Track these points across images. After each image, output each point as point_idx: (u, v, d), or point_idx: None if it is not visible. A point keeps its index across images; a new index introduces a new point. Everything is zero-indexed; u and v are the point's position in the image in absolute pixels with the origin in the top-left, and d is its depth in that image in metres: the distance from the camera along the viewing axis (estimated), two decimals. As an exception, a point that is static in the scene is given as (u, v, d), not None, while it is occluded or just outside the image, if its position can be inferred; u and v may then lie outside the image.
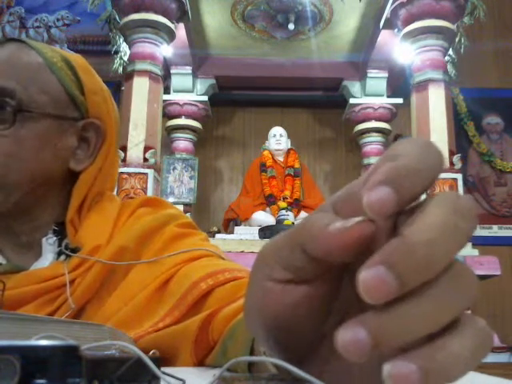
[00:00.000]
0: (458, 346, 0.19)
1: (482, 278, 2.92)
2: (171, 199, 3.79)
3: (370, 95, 4.31)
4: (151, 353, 0.26)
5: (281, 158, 4.04)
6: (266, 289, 0.23)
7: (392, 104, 4.34)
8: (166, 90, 3.99)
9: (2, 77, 0.59)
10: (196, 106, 4.32)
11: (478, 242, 3.15)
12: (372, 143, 4.39)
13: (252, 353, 0.37)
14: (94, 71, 0.69)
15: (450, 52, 3.59)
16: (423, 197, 0.20)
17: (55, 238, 0.62)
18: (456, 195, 0.20)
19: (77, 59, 0.67)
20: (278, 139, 4.04)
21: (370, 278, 0.18)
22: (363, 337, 0.18)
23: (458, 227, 0.19)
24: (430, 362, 0.18)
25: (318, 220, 0.21)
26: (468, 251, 2.99)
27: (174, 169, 3.99)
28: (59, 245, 0.62)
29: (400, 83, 4.22)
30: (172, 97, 4.25)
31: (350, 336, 0.18)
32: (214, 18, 3.81)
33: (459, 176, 3.18)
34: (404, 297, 0.19)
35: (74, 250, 0.61)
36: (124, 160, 3.14)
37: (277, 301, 0.23)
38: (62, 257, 0.61)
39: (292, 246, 0.22)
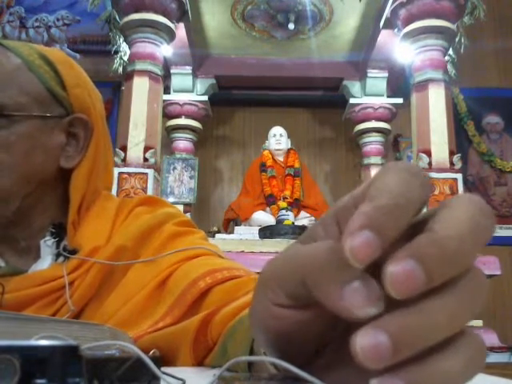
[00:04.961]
0: (449, 364, 0.18)
1: (482, 277, 2.92)
2: (171, 199, 3.79)
3: (370, 95, 4.31)
4: (151, 352, 0.26)
5: (281, 158, 4.04)
6: (269, 311, 0.23)
7: (392, 104, 4.33)
8: (166, 90, 3.99)
9: None
10: (196, 105, 4.31)
11: (478, 242, 3.13)
12: (372, 143, 4.39)
13: (252, 353, 0.37)
14: (74, 64, 0.67)
15: (450, 52, 3.59)
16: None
17: (53, 240, 0.62)
18: (477, 197, 0.20)
19: (55, 54, 0.65)
20: (277, 139, 4.04)
21: (399, 272, 0.18)
22: (383, 341, 0.17)
23: (482, 225, 0.19)
24: (418, 379, 0.18)
25: (317, 255, 0.21)
26: (468, 251, 2.98)
27: (174, 169, 3.98)
28: (57, 246, 0.62)
29: (400, 83, 4.22)
30: (172, 97, 4.24)
31: (369, 341, 0.18)
32: (214, 18, 3.80)
33: (459, 176, 3.18)
34: (425, 296, 0.18)
35: (73, 252, 0.60)
36: (124, 160, 3.14)
37: (280, 323, 0.23)
38: (61, 258, 0.61)
39: (294, 279, 0.22)
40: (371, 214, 0.18)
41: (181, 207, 3.66)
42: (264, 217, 3.69)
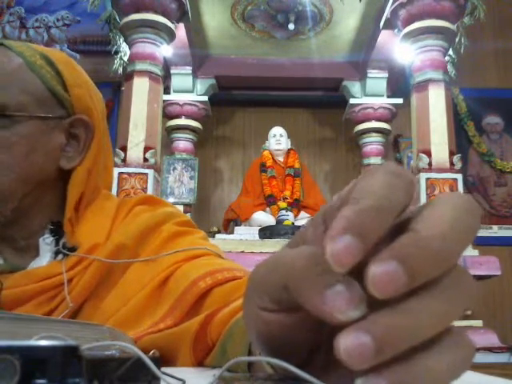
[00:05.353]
0: (433, 363, 0.18)
1: (482, 278, 2.92)
2: (171, 199, 3.79)
3: (370, 95, 4.31)
4: (151, 353, 0.27)
5: (281, 158, 4.04)
6: (257, 316, 0.24)
7: (392, 104, 4.33)
8: (166, 90, 3.99)
9: None
10: (196, 106, 4.31)
11: (478, 242, 3.15)
12: (372, 143, 4.39)
13: (250, 353, 0.37)
14: (76, 65, 0.67)
15: (450, 52, 3.59)
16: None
17: (52, 238, 0.62)
18: (461, 194, 0.20)
19: (56, 54, 0.65)
20: (278, 139, 4.04)
21: (381, 272, 0.18)
22: (366, 341, 0.18)
23: (466, 223, 0.19)
24: (403, 378, 0.18)
25: (299, 260, 0.21)
26: (468, 251, 2.99)
27: (174, 169, 3.98)
28: (56, 244, 0.62)
29: (400, 83, 4.22)
30: (172, 97, 4.24)
31: (351, 342, 0.18)
32: (214, 18, 3.81)
33: (459, 176, 3.18)
34: (408, 296, 0.18)
35: (72, 249, 0.60)
36: (124, 160, 3.14)
37: (269, 327, 0.23)
38: (60, 256, 0.61)
39: (277, 285, 0.22)
40: (352, 218, 0.18)
41: (181, 207, 3.66)
42: (264, 217, 3.69)
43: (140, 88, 3.26)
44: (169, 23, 3.33)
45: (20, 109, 0.58)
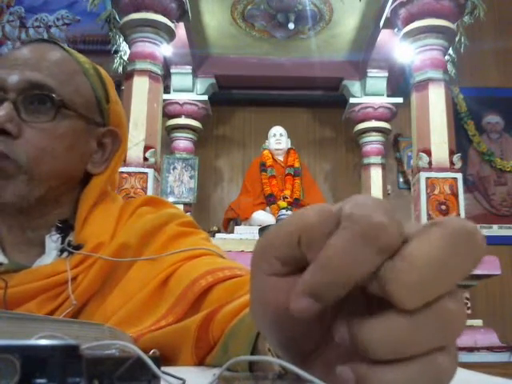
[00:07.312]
0: (389, 378, 0.20)
1: (482, 277, 2.92)
2: (171, 199, 3.79)
3: (369, 95, 4.31)
4: (151, 352, 0.26)
5: (281, 158, 4.04)
6: (268, 284, 0.24)
7: (392, 103, 4.33)
8: (166, 90, 3.99)
9: (43, 73, 0.61)
10: (196, 105, 4.31)
11: (478, 242, 3.13)
12: (372, 143, 4.39)
13: (254, 351, 0.37)
14: (113, 84, 0.73)
15: (450, 51, 3.59)
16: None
17: (58, 236, 0.63)
18: (460, 227, 0.21)
19: (101, 69, 0.71)
20: (277, 139, 4.04)
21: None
22: (345, 335, 0.21)
23: (447, 266, 0.20)
24: (364, 380, 0.21)
25: (312, 214, 0.23)
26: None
27: (174, 168, 3.98)
28: (62, 242, 0.62)
29: (400, 83, 4.22)
30: (172, 96, 4.24)
31: (339, 328, 0.22)
32: (214, 18, 3.80)
33: (459, 175, 3.18)
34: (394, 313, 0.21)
35: (77, 248, 0.61)
36: (124, 160, 3.13)
37: (281, 294, 0.23)
38: (65, 254, 0.61)
39: (290, 240, 0.23)
40: (312, 285, 0.21)
41: (181, 207, 3.65)
42: (264, 216, 3.69)
43: (140, 87, 3.26)
44: (169, 22, 3.33)
45: (73, 106, 0.62)
